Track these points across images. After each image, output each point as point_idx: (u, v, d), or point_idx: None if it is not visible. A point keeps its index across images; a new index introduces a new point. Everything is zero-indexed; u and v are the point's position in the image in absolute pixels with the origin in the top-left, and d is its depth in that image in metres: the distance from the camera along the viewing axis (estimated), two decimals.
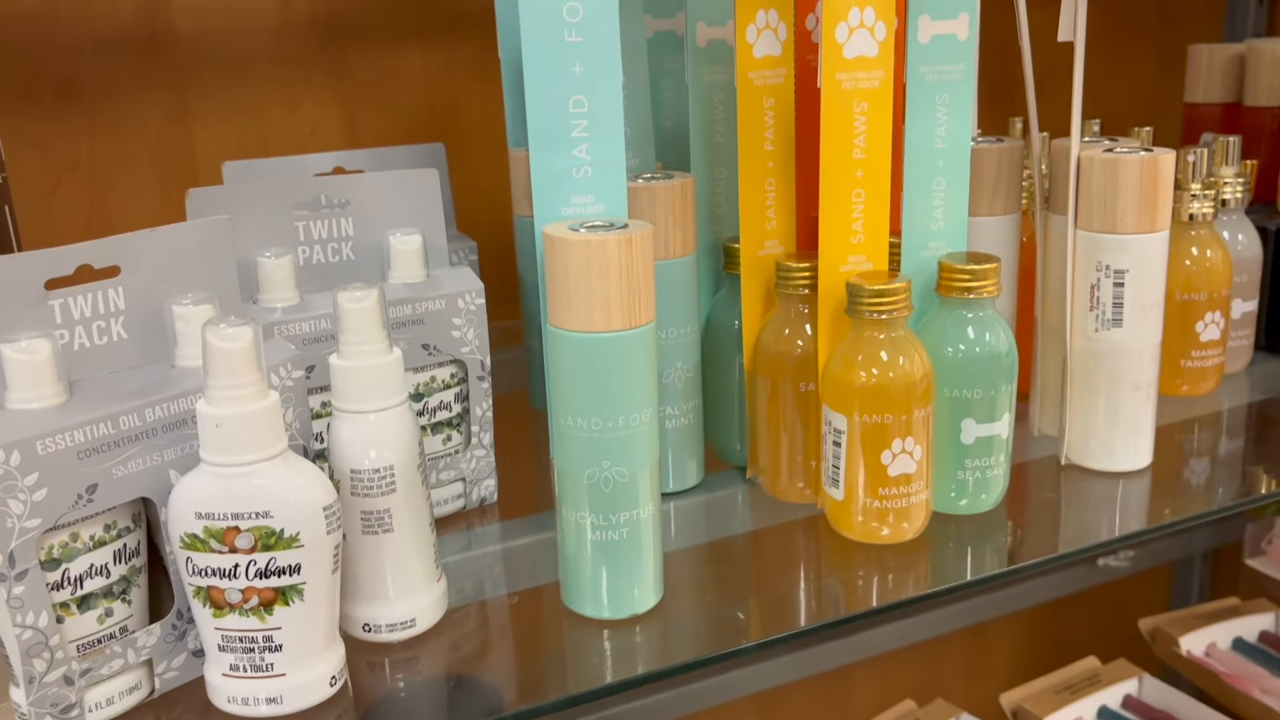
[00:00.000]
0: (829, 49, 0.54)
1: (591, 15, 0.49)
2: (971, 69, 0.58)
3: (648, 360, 0.49)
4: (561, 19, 0.49)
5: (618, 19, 0.49)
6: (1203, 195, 0.71)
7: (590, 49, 0.49)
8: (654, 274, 0.49)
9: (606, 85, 0.50)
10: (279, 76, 0.89)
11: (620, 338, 0.47)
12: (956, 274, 0.57)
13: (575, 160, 0.50)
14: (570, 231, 0.47)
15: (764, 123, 0.60)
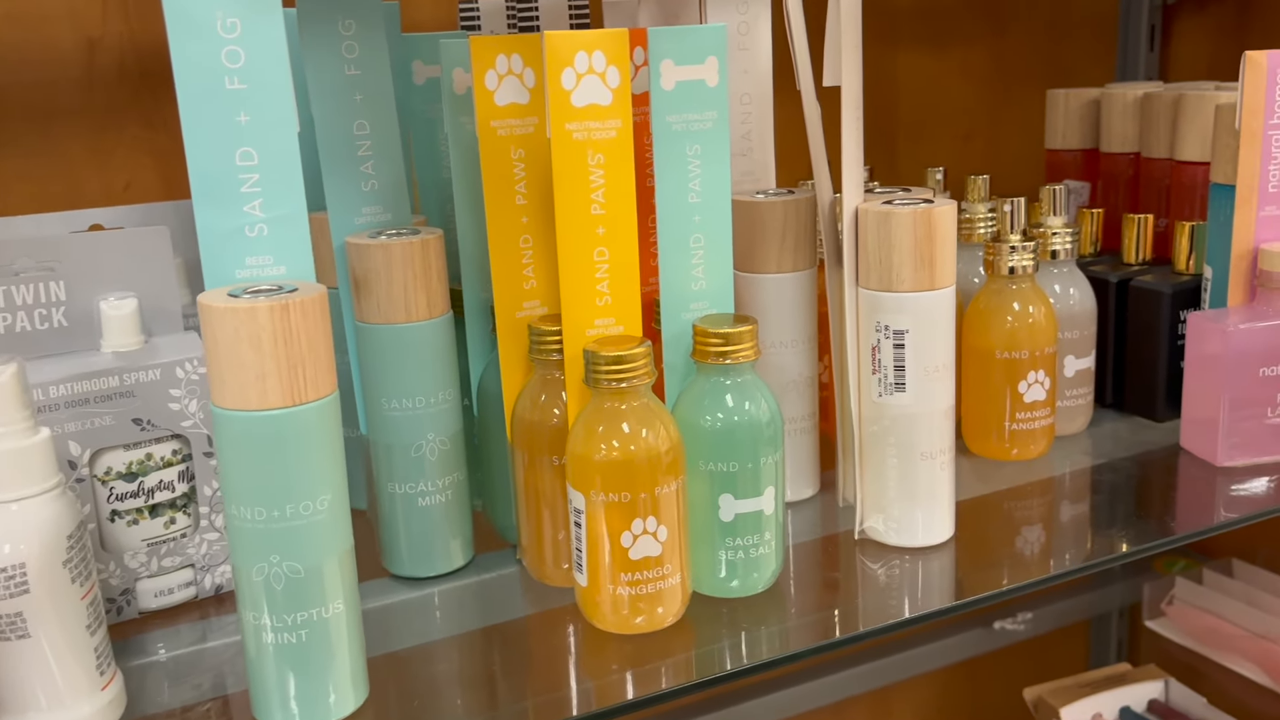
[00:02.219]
0: (555, 97, 0.50)
1: (256, 59, 0.45)
2: (724, 117, 0.54)
3: (323, 439, 0.44)
4: (220, 64, 0.44)
5: (287, 62, 0.45)
6: (1022, 247, 0.67)
7: (256, 96, 0.45)
8: (328, 341, 0.44)
9: (279, 135, 0.46)
10: (88, 128, 0.85)
11: (280, 416, 0.43)
12: (710, 338, 0.53)
13: (247, 218, 0.46)
14: (226, 298, 0.43)
15: (513, 175, 0.56)
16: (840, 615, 0.55)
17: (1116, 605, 1.30)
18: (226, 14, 0.43)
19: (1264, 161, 0.66)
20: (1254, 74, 0.65)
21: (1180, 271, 0.74)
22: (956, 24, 1.13)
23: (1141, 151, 0.85)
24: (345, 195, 0.58)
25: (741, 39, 0.63)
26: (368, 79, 0.57)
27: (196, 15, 0.43)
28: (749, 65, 0.64)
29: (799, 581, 0.58)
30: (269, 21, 0.44)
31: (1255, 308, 0.67)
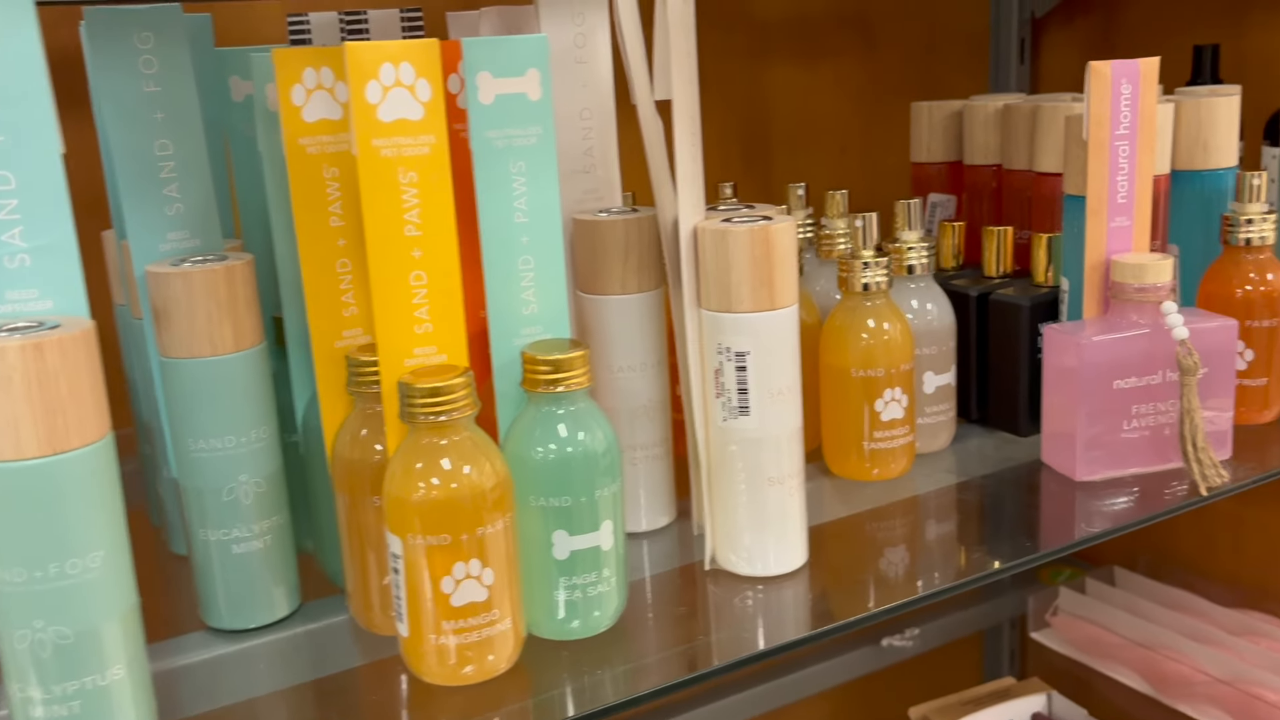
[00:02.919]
0: (360, 111, 0.47)
1: (9, 76, 0.41)
2: (549, 132, 0.51)
3: (93, 490, 0.40)
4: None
5: (45, 78, 0.41)
6: (876, 263, 0.66)
7: (11, 115, 0.41)
8: (96, 382, 0.40)
9: (40, 157, 0.41)
10: None
11: (37, 467, 0.39)
12: (539, 366, 0.50)
13: (6, 247, 0.42)
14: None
15: (326, 195, 0.52)
16: (687, 652, 0.53)
17: (1007, 617, 1.30)
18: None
19: (1112, 172, 0.66)
20: (1098, 84, 0.64)
21: (1039, 284, 0.74)
22: (829, 38, 1.12)
23: (1003, 163, 0.84)
24: (147, 220, 0.53)
25: (579, 51, 0.61)
26: (169, 95, 0.53)
27: None
28: (588, 78, 0.61)
29: (645, 618, 0.55)
30: (21, 34, 0.40)
31: (1109, 319, 0.66)
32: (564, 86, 0.61)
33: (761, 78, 1.09)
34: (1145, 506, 0.64)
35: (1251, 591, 1.11)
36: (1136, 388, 0.65)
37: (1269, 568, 1.10)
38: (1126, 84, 0.64)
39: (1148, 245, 0.67)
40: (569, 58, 0.60)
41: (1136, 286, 0.64)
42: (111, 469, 0.41)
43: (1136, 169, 0.66)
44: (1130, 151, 0.66)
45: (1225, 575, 1.14)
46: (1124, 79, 0.64)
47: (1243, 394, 0.71)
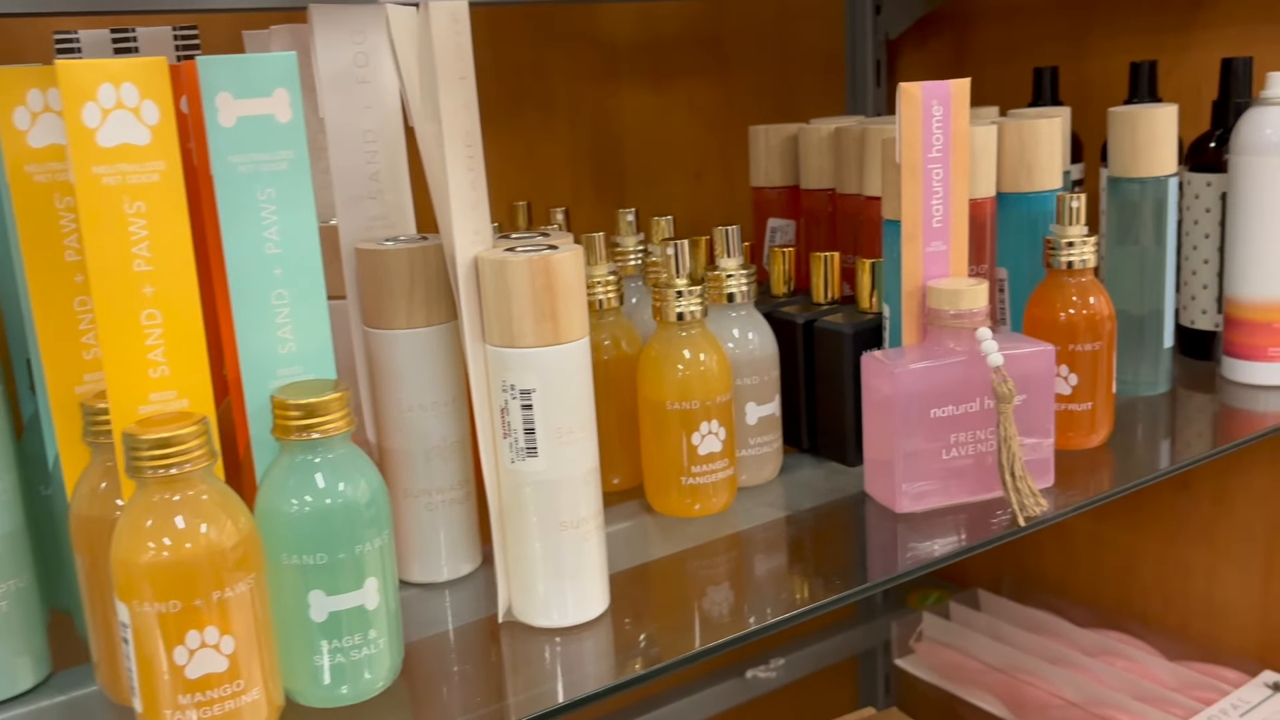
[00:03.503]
0: (76, 136, 0.43)
1: None
2: (303, 156, 0.47)
3: None
4: None
5: None
6: (689, 292, 0.63)
7: None
8: None
9: None
10: None
11: None
12: (289, 411, 0.46)
13: None
14: None
15: (59, 227, 0.48)
16: (471, 713, 0.49)
17: (880, 641, 1.29)
18: None
19: (926, 196, 0.64)
20: (909, 107, 0.63)
21: (865, 310, 0.72)
22: (682, 59, 1.10)
23: (836, 188, 0.83)
24: None
25: (360, 71, 0.57)
26: None
27: None
28: (371, 99, 0.58)
29: (425, 679, 0.52)
30: None
31: (927, 346, 0.65)
32: (346, 108, 0.57)
33: (613, 100, 1.07)
34: (968, 536, 0.62)
35: (1110, 611, 1.11)
36: (954, 416, 0.63)
37: (1126, 587, 1.10)
38: (938, 106, 0.63)
39: (965, 270, 0.66)
40: (350, 77, 0.57)
41: (952, 313, 0.63)
42: None
43: (951, 192, 0.65)
44: (944, 175, 0.64)
45: (1086, 595, 1.14)
46: (935, 101, 0.63)
47: (1069, 418, 0.70)
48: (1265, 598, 0.99)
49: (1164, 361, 0.80)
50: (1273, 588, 0.98)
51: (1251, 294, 0.79)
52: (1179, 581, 1.05)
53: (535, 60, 1.01)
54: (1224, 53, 0.92)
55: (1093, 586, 1.13)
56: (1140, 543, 1.08)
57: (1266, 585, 0.99)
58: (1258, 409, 0.80)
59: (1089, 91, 1.04)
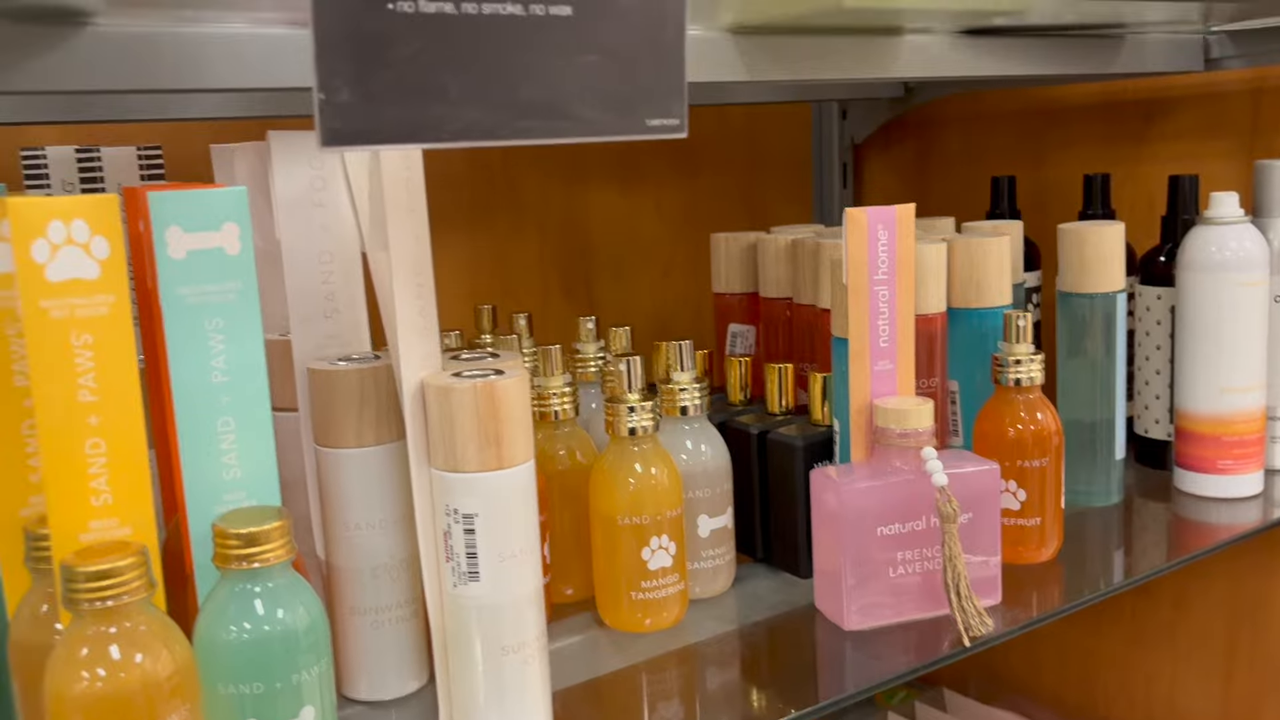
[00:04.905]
0: (26, 271, 0.44)
1: None
2: (251, 286, 0.49)
3: None
4: None
5: None
6: (641, 407, 0.64)
7: None
8: None
9: None
10: None
11: None
12: (229, 540, 0.46)
13: None
14: None
15: (9, 352, 0.49)
16: None
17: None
18: None
19: (873, 316, 0.65)
20: (855, 230, 0.64)
21: (817, 422, 0.73)
22: (649, 162, 1.13)
23: (794, 297, 0.85)
24: None
25: (317, 195, 0.58)
26: None
27: None
28: (328, 222, 0.59)
29: None
30: None
31: (874, 464, 0.65)
32: (302, 230, 0.58)
33: (580, 202, 1.09)
34: (916, 655, 0.62)
35: (1075, 713, 1.11)
36: (901, 534, 0.64)
37: (1090, 689, 1.10)
38: (883, 230, 0.65)
39: (912, 388, 0.67)
40: (307, 201, 0.58)
41: (899, 432, 0.64)
42: None
43: (897, 313, 0.66)
44: (890, 296, 0.66)
45: (1051, 697, 1.14)
46: (880, 225, 0.65)
47: (1018, 533, 0.71)
48: (1225, 702, 0.99)
49: (1116, 472, 0.82)
50: (1233, 691, 0.98)
51: (1199, 408, 0.81)
52: (1142, 684, 1.05)
53: (506, 163, 1.03)
54: (1174, 167, 0.95)
55: (1058, 688, 1.13)
56: (1103, 646, 1.08)
57: (1226, 689, 0.99)
58: (1210, 520, 0.80)
59: (1046, 199, 1.07)
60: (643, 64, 0.47)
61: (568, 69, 0.45)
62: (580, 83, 0.45)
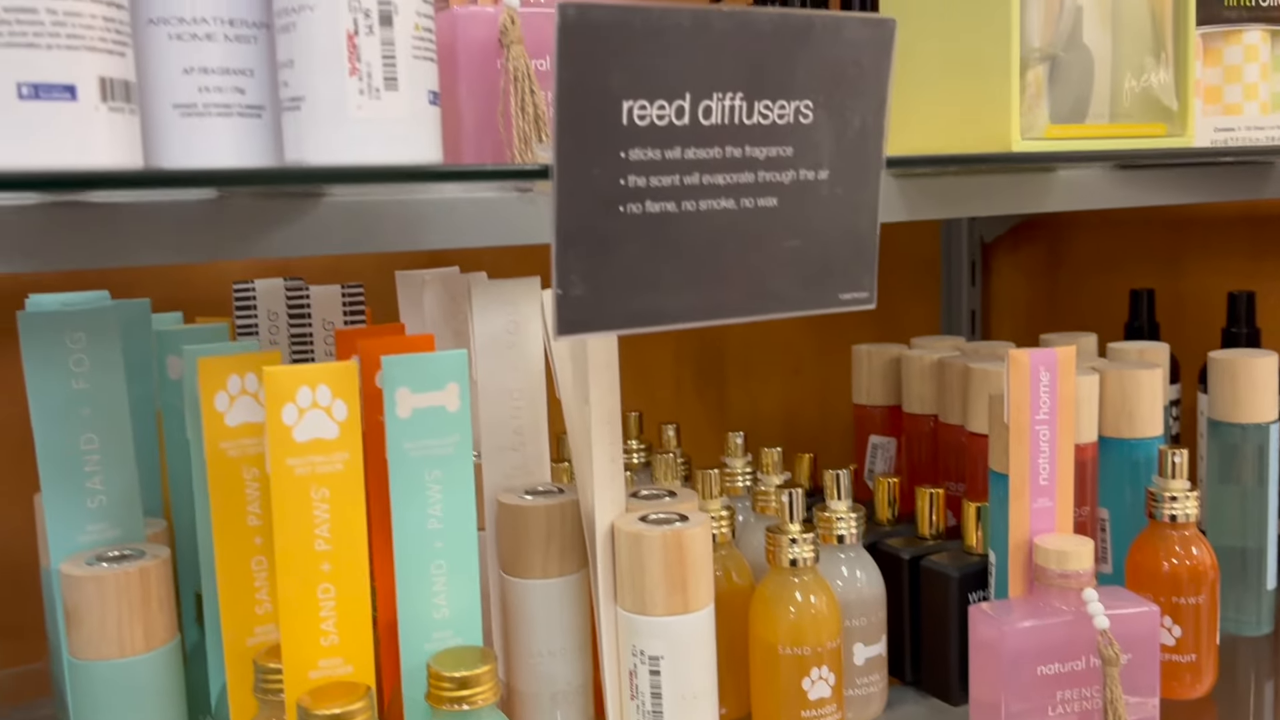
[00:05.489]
0: (276, 433, 0.48)
1: None
2: (467, 440, 0.52)
3: None
4: None
5: None
6: (803, 539, 0.66)
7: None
8: None
9: None
10: None
11: None
12: (443, 683, 0.50)
13: None
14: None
15: (245, 495, 0.53)
16: None
17: None
18: None
19: (1033, 455, 0.67)
20: (1017, 373, 0.66)
21: (970, 549, 0.74)
22: None
23: (939, 415, 0.86)
24: (67, 513, 0.54)
25: (511, 337, 0.62)
26: (98, 392, 0.54)
27: None
28: (519, 362, 0.63)
29: None
30: None
31: (1033, 602, 0.67)
32: (495, 368, 0.62)
33: None
34: None
35: None
36: (1061, 674, 0.64)
37: None
38: (1045, 372, 0.66)
39: (1070, 526, 0.68)
40: (500, 342, 0.62)
41: (1059, 572, 0.65)
42: None
43: (1058, 452, 0.67)
44: (1051, 435, 0.67)
45: None
46: (1043, 367, 0.66)
47: (1172, 669, 0.71)
48: None
49: (1267, 601, 0.81)
50: None
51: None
52: None
53: None
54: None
55: None
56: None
57: None
58: None
59: (1185, 312, 1.07)
60: (838, 247, 0.49)
61: (771, 253, 0.48)
62: (781, 265, 0.48)
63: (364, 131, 0.43)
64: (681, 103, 0.44)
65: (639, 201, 0.44)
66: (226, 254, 0.53)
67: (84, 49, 0.37)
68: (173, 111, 0.43)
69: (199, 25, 0.43)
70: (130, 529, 0.56)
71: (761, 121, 0.46)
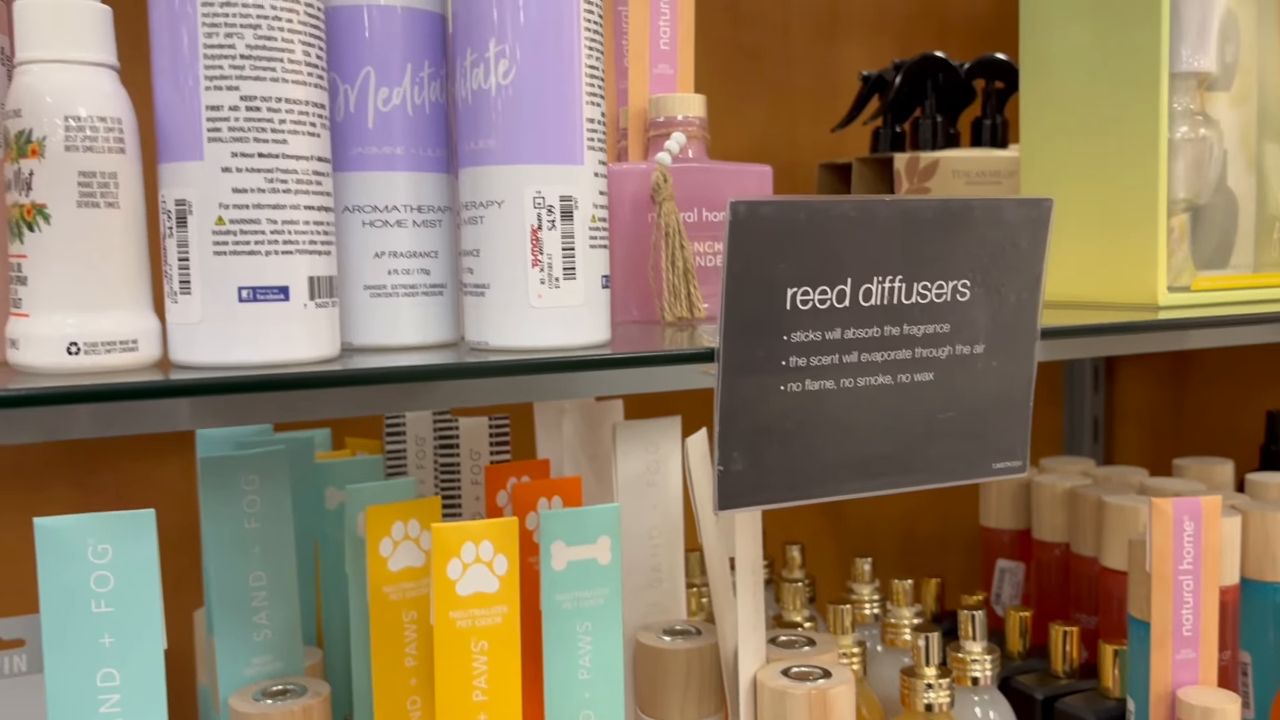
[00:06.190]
0: (440, 587, 0.50)
1: (126, 583, 0.44)
2: (616, 593, 0.54)
3: None
4: (88, 587, 0.44)
5: (158, 584, 0.45)
6: (939, 684, 0.66)
7: (123, 619, 0.44)
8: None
9: (144, 656, 0.45)
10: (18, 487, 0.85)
11: None
12: None
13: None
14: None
15: (403, 637, 0.55)
16: None
17: None
18: (98, 540, 0.44)
19: (1176, 605, 0.66)
20: (1161, 521, 0.65)
21: (1106, 691, 0.73)
22: None
23: (1071, 545, 0.85)
24: (235, 647, 0.57)
25: (651, 476, 0.64)
26: (268, 531, 0.57)
27: (67, 540, 0.44)
28: (658, 501, 0.64)
29: None
30: (142, 550, 0.44)
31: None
32: (635, 508, 0.64)
33: None
34: None
35: None
36: None
37: None
38: (1189, 521, 0.65)
39: (1215, 678, 0.67)
40: (641, 482, 0.64)
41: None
42: None
43: (1201, 602, 0.66)
44: (1194, 585, 0.66)
45: None
46: (1187, 517, 0.65)
47: None
48: None
49: None
50: None
51: None
52: None
53: None
54: None
55: None
56: None
57: None
58: None
59: None
60: (992, 417, 0.50)
61: (926, 426, 0.49)
62: (936, 437, 0.49)
63: (543, 318, 0.45)
64: (843, 287, 0.45)
65: (799, 381, 0.45)
66: (397, 408, 0.56)
67: (297, 252, 0.40)
68: (364, 293, 0.46)
69: (390, 213, 0.46)
70: (291, 661, 0.58)
71: (920, 301, 0.47)
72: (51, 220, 0.38)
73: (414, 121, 0.46)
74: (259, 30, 0.39)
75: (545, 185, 0.44)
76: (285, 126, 0.40)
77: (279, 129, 0.40)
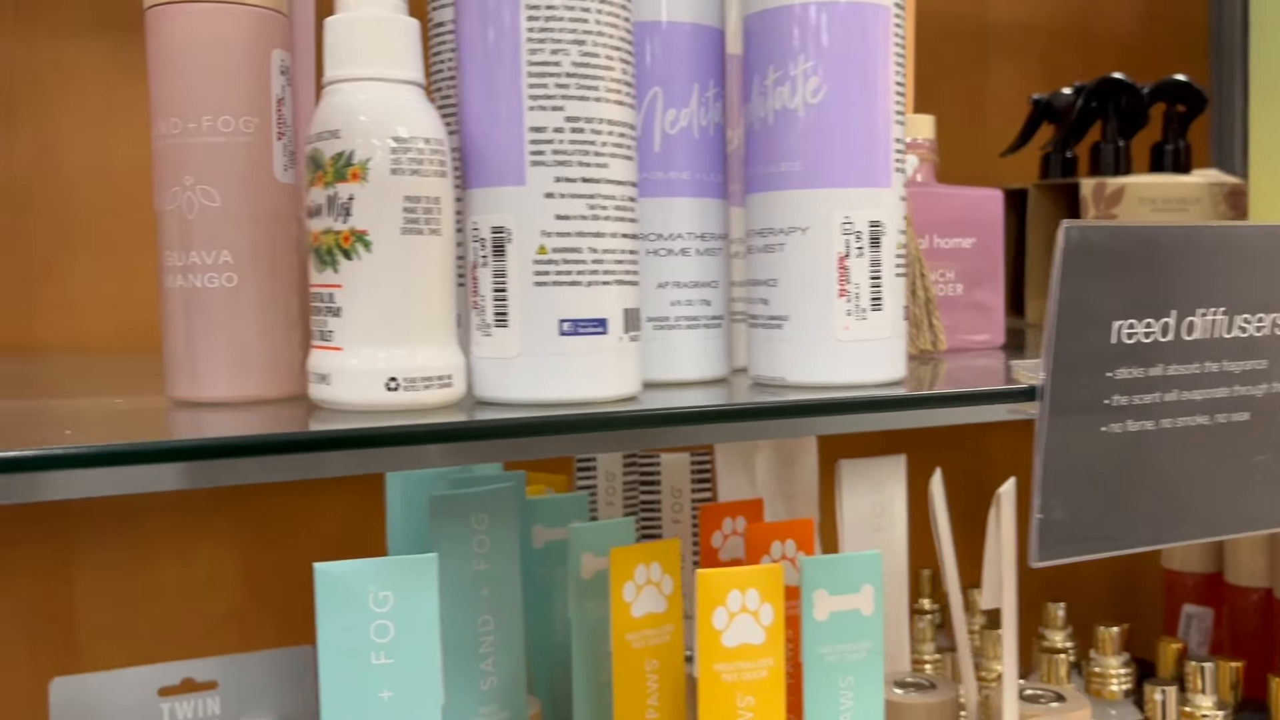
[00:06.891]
0: (706, 637, 0.47)
1: (406, 635, 0.42)
2: (879, 646, 0.50)
3: None
4: (368, 638, 0.41)
5: (437, 637, 0.42)
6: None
7: (403, 672, 0.42)
8: None
9: (422, 712, 0.42)
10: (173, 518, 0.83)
11: None
12: None
13: None
14: None
15: (646, 687, 0.52)
16: None
17: None
18: (379, 587, 0.41)
19: None
20: None
21: None
22: None
23: (1274, 590, 0.80)
24: (462, 694, 0.54)
25: (876, 520, 0.61)
26: (496, 572, 0.55)
27: (348, 586, 0.41)
28: (883, 544, 0.61)
29: None
30: (423, 598, 0.42)
31: None
32: (859, 549, 0.60)
33: (984, 442, 1.09)
34: None
35: None
36: None
37: None
38: None
39: None
40: (866, 525, 0.61)
41: None
42: None
43: None
44: None
45: None
46: None
47: None
48: None
49: None
50: None
51: None
52: None
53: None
54: None
55: None
56: None
57: None
58: None
59: None
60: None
61: (1239, 469, 0.45)
62: (1249, 481, 0.45)
63: (848, 352, 0.42)
64: (1168, 320, 0.42)
65: (1121, 421, 0.42)
66: (685, 441, 0.53)
67: (614, 283, 0.38)
68: (647, 325, 0.44)
69: (674, 240, 0.43)
70: (517, 711, 0.55)
71: (1239, 335, 0.44)
72: (373, 248, 0.36)
73: (699, 145, 0.43)
74: (584, 46, 0.36)
75: (854, 210, 0.41)
76: (606, 150, 0.37)
77: (600, 152, 0.37)
